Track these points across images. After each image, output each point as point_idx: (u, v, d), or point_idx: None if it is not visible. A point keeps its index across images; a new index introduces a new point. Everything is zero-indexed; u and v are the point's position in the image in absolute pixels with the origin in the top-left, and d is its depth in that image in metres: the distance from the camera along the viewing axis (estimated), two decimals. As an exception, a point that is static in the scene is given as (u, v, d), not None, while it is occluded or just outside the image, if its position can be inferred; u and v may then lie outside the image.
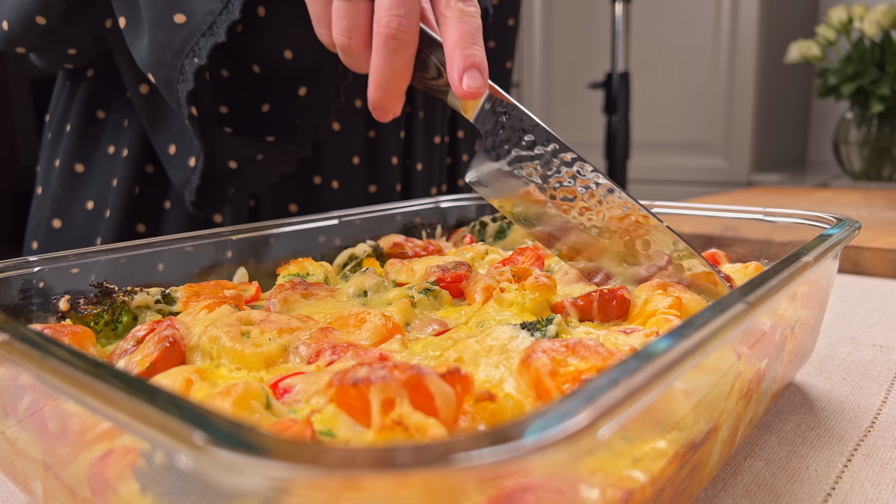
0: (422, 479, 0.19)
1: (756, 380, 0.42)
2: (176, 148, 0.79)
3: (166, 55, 0.70)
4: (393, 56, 0.54)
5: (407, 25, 0.53)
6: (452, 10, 0.54)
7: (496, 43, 1.23)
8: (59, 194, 0.89)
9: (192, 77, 0.69)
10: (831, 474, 0.43)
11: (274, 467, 0.19)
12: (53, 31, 0.77)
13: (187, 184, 0.78)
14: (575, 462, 0.24)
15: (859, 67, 2.04)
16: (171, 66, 0.70)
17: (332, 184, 0.95)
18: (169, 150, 0.80)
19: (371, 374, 0.28)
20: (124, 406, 0.23)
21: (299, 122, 0.83)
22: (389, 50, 0.54)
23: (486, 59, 0.54)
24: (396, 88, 0.56)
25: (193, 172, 0.77)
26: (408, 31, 0.53)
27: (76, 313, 0.48)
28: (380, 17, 0.54)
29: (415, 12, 0.54)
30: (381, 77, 0.55)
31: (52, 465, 0.34)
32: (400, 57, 0.54)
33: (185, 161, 0.78)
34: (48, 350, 0.27)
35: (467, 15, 0.54)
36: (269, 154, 0.82)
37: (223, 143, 0.79)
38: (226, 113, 0.82)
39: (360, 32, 0.55)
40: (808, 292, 0.50)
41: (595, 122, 2.72)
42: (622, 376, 0.24)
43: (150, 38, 0.70)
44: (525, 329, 0.39)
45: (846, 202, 1.43)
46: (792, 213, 0.62)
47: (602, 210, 0.53)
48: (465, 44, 0.53)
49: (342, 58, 0.59)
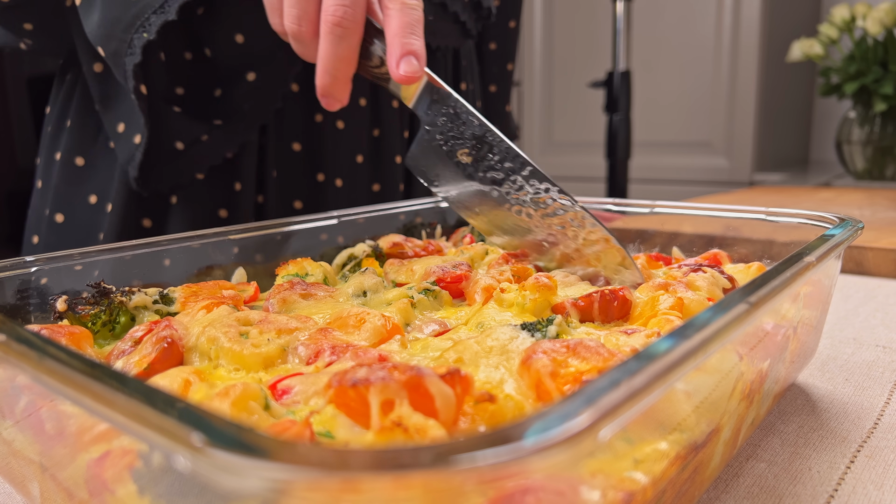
0: (421, 481, 0.19)
1: (758, 381, 0.42)
2: (125, 126, 0.81)
3: (116, 28, 0.73)
4: (339, 43, 0.58)
5: (352, 14, 0.57)
6: (395, 2, 0.57)
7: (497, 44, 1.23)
8: (60, 188, 0.90)
9: (140, 51, 0.72)
10: (834, 476, 0.43)
11: (272, 469, 0.19)
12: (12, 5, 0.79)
13: (131, 160, 0.80)
14: (576, 463, 0.24)
15: (862, 66, 2.04)
16: (121, 39, 0.73)
17: (335, 182, 0.95)
18: (118, 128, 0.82)
19: (370, 374, 0.28)
20: (122, 407, 0.23)
21: (247, 106, 0.85)
22: (335, 37, 0.58)
23: (424, 48, 0.58)
24: (343, 74, 0.60)
25: (137, 149, 0.79)
26: (352, 19, 0.57)
27: (73, 314, 0.48)
28: (327, 6, 0.57)
29: (360, 2, 0.58)
30: (328, 63, 0.59)
31: (49, 467, 0.34)
32: (345, 44, 0.58)
33: (130, 138, 0.80)
34: (45, 351, 0.27)
35: (409, 7, 0.58)
36: (213, 135, 0.84)
37: (171, 122, 0.81)
38: (181, 94, 0.84)
39: (310, 20, 0.59)
40: (811, 293, 0.50)
41: (596, 122, 2.72)
42: (623, 377, 0.24)
43: (102, 11, 0.73)
44: (525, 330, 0.39)
45: (849, 202, 1.43)
46: (794, 212, 0.62)
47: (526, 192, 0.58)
48: (404, 33, 0.57)
49: (293, 45, 0.62)
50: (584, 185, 2.82)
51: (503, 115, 1.28)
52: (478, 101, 1.18)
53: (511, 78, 1.28)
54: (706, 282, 0.50)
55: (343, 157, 0.95)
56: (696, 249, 0.69)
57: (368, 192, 0.99)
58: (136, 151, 0.79)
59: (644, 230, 0.75)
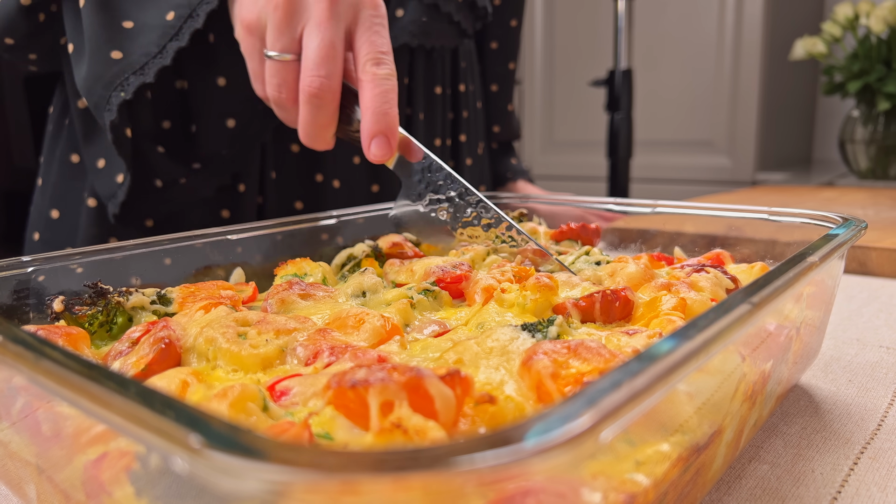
0: (421, 483, 0.18)
1: (761, 382, 0.42)
2: (105, 163, 0.84)
3: (98, 84, 0.76)
4: (316, 112, 0.62)
5: (328, 85, 0.61)
6: (367, 74, 0.61)
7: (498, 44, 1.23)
8: (58, 185, 0.92)
9: (116, 109, 0.75)
10: (837, 478, 0.43)
11: (271, 470, 0.19)
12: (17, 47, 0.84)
13: (112, 197, 0.82)
14: (577, 465, 0.24)
15: (865, 65, 2.04)
16: (101, 95, 0.76)
17: (333, 183, 0.96)
18: (98, 164, 0.84)
19: (370, 375, 0.28)
20: (119, 408, 0.23)
21: (225, 152, 0.87)
22: (313, 107, 0.62)
23: (396, 121, 0.61)
24: (322, 137, 0.64)
25: (120, 188, 0.81)
26: (329, 90, 0.61)
27: (70, 314, 0.48)
28: (304, 77, 0.61)
29: (336, 73, 0.61)
30: (308, 128, 0.63)
31: (45, 469, 0.34)
32: (323, 112, 0.62)
33: (112, 176, 0.82)
34: (42, 352, 0.27)
35: (379, 78, 0.61)
36: (191, 178, 0.87)
37: (152, 161, 0.83)
38: (168, 128, 0.86)
39: (290, 88, 0.63)
40: (814, 293, 0.50)
41: (597, 121, 2.72)
42: (625, 378, 0.24)
43: (88, 66, 0.76)
44: (526, 330, 0.39)
45: (852, 201, 1.43)
46: (797, 212, 0.62)
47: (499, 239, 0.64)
48: (375, 105, 0.60)
49: (275, 110, 0.67)
50: (586, 185, 2.83)
51: (505, 114, 1.28)
52: (478, 101, 1.19)
53: (513, 77, 1.28)
54: (709, 282, 0.50)
55: (340, 159, 0.96)
56: (698, 249, 0.69)
57: (367, 193, 1.00)
58: (118, 190, 0.81)
59: (646, 230, 0.75)
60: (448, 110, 1.11)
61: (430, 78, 1.05)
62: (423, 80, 1.04)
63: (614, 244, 0.79)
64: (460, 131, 1.13)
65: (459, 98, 1.12)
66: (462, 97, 1.12)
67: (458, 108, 1.12)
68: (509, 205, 0.85)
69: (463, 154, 1.14)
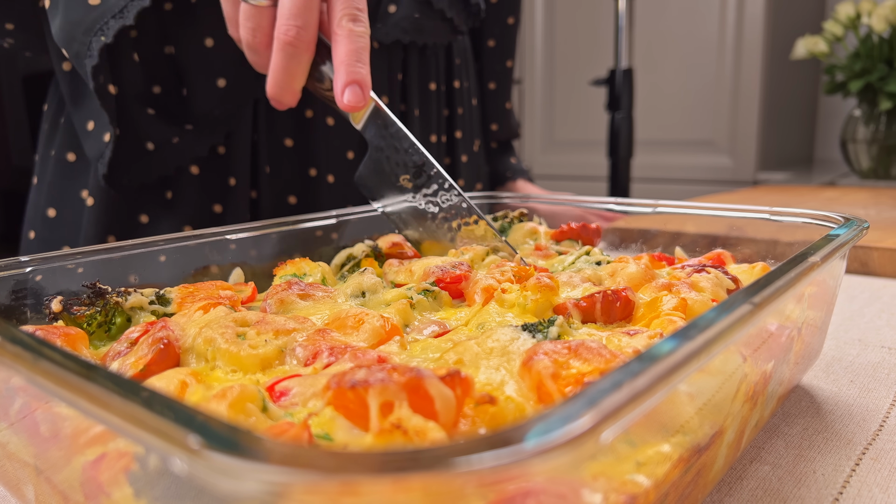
0: (421, 484, 0.18)
1: (762, 382, 0.42)
2: (94, 124, 0.83)
3: (77, 31, 0.75)
4: (289, 60, 0.62)
5: (304, 35, 0.61)
6: (342, 29, 0.61)
7: (496, 41, 1.23)
8: (54, 184, 0.92)
9: (98, 54, 0.74)
10: (839, 479, 0.43)
11: (270, 471, 0.19)
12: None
13: (101, 157, 0.82)
14: (577, 466, 0.24)
15: (867, 64, 2.04)
16: (81, 42, 0.75)
17: (327, 178, 0.96)
18: (87, 126, 0.84)
19: (369, 376, 0.28)
20: (118, 409, 0.23)
21: (217, 112, 0.87)
22: (286, 55, 0.62)
23: (369, 77, 0.62)
24: (291, 87, 0.64)
25: (107, 147, 0.81)
26: (304, 40, 0.61)
27: (69, 314, 0.48)
28: (280, 24, 0.61)
29: (312, 23, 0.62)
30: (279, 76, 0.63)
31: (44, 470, 0.34)
32: (296, 61, 0.62)
33: (100, 136, 0.82)
34: (40, 352, 0.27)
35: (355, 34, 0.61)
36: (183, 138, 0.86)
37: (143, 123, 0.83)
38: (158, 93, 0.86)
39: (264, 34, 0.64)
40: (816, 293, 0.50)
41: (598, 120, 2.72)
42: (626, 379, 0.24)
43: (64, 14, 0.76)
44: (526, 330, 0.39)
45: (854, 201, 1.43)
46: (799, 212, 0.62)
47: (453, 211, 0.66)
48: (350, 61, 0.61)
49: (247, 55, 0.67)
50: (586, 185, 2.83)
51: (504, 113, 1.28)
52: (473, 98, 1.19)
53: (511, 75, 1.28)
54: (710, 282, 0.50)
55: (334, 153, 0.96)
56: (699, 249, 0.69)
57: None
58: (105, 149, 0.81)
59: (647, 230, 0.75)
60: (443, 106, 1.11)
61: (424, 74, 1.05)
62: (418, 77, 1.04)
63: (615, 244, 0.79)
64: (455, 127, 1.13)
65: (454, 94, 1.12)
66: (457, 93, 1.12)
67: (453, 105, 1.13)
68: (509, 205, 0.85)
69: (458, 150, 1.14)
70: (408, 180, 0.65)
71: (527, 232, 0.76)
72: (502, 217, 0.80)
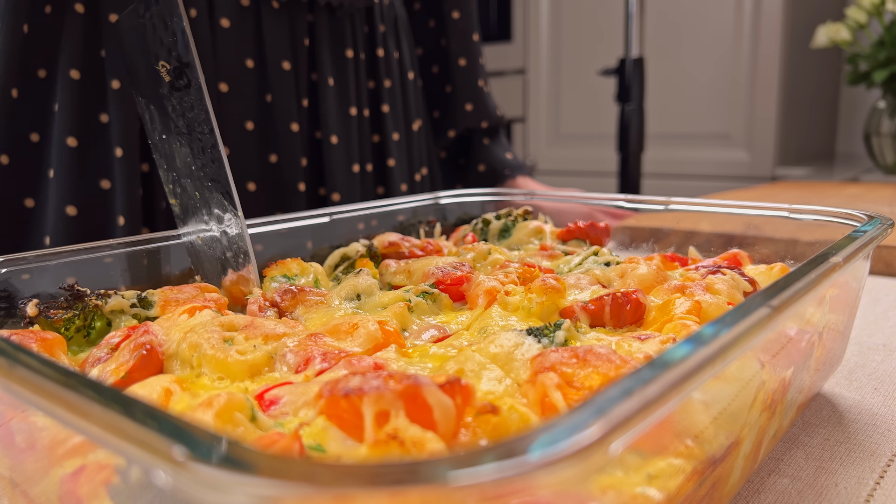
0: (419, 498, 0.19)
1: (781, 390, 0.42)
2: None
3: None
4: None
5: None
6: None
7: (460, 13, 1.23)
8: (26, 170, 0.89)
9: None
10: (862, 492, 0.43)
11: (260, 485, 0.19)
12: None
13: None
14: (585, 479, 0.24)
15: (892, 52, 2.04)
16: None
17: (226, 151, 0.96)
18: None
19: (364, 384, 0.28)
20: (98, 418, 0.23)
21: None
22: None
23: None
24: None
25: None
26: None
27: (45, 318, 0.48)
28: None
29: None
30: None
31: (20, 483, 0.34)
32: None
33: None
34: (15, 358, 0.27)
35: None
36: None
37: None
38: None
39: None
40: (837, 296, 0.50)
41: (607, 112, 2.73)
42: (636, 386, 0.24)
43: None
44: (531, 335, 0.39)
45: (878, 198, 1.43)
46: (819, 209, 0.62)
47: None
48: None
49: None
50: (595, 180, 2.83)
51: (477, 91, 1.27)
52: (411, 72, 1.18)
53: (479, 50, 1.28)
54: (725, 284, 0.50)
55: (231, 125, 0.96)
56: (714, 249, 0.69)
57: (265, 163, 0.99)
58: None
59: (658, 228, 0.75)
60: (365, 77, 1.09)
61: (337, 40, 1.03)
62: (330, 42, 1.03)
63: (625, 244, 0.79)
64: (382, 101, 1.12)
65: (379, 64, 1.10)
66: (382, 63, 1.11)
67: (379, 76, 1.11)
68: (513, 202, 0.85)
69: (388, 126, 1.13)
70: (166, 73, 0.55)
71: (531, 231, 0.76)
72: (505, 215, 0.80)
